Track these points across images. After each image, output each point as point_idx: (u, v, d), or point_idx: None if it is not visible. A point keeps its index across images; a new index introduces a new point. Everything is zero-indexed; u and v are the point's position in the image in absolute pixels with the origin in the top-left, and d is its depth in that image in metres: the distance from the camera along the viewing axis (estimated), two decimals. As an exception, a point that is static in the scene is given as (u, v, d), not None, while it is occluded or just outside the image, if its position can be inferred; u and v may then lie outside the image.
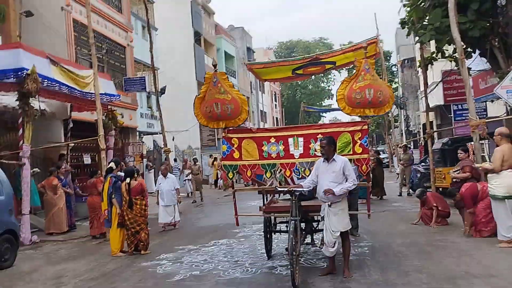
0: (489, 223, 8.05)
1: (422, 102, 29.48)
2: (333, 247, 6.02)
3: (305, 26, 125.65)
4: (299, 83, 61.11)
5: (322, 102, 68.37)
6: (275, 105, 60.37)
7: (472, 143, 10.67)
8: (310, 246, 7.72)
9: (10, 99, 12.60)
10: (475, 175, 9.17)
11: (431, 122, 27.79)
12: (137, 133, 21.56)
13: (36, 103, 11.55)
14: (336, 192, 5.78)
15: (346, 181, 5.95)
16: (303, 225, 6.89)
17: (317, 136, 6.55)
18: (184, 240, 9.86)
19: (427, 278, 5.81)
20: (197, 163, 21.32)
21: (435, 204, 9.66)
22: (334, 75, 64.99)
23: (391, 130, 37.19)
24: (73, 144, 15.20)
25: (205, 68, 33.92)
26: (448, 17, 10.10)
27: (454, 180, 9.70)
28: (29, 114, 11.19)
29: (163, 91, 23.67)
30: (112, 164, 9.48)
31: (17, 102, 11.35)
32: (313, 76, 32.20)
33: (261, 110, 50.40)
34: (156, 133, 23.92)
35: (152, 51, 16.46)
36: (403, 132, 40.88)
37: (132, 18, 21.98)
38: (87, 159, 17.37)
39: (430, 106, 24.49)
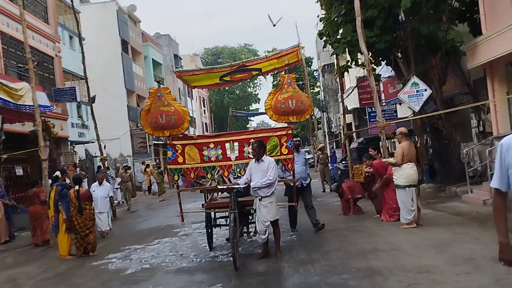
0: (396, 210, 9.57)
1: (340, 105, 31.78)
2: (264, 234, 7.12)
3: (228, 32, 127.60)
4: (227, 88, 62.27)
5: (250, 106, 70.18)
6: (204, 110, 61.10)
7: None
8: (246, 236, 8.79)
9: None
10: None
11: (350, 124, 30.18)
12: (69, 142, 21.57)
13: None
14: (252, 185, 6.88)
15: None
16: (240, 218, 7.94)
17: (250, 141, 7.65)
18: (128, 241, 10.52)
19: (344, 255, 7.07)
20: (128, 171, 21.71)
21: (350, 196, 11.12)
22: (260, 80, 67.06)
23: (315, 132, 39.33)
24: (5, 156, 15.21)
25: (134, 76, 34.13)
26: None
27: (366, 174, 11.24)
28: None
29: (93, 100, 23.71)
30: (58, 173, 9.99)
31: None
32: (240, 82, 33.55)
33: (190, 116, 50.93)
34: (88, 142, 23.96)
35: (84, 63, 16.78)
36: (326, 133, 43.29)
37: (59, 29, 21.95)
38: (19, 171, 17.36)
39: (349, 108, 26.65)
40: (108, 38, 30.16)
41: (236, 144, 7.69)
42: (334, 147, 34.89)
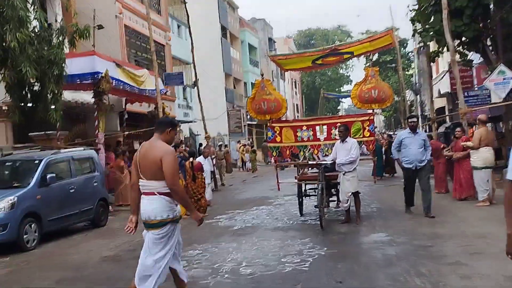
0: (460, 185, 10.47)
1: (434, 89, 31.49)
2: (346, 203, 8.53)
3: (321, 13, 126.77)
4: (319, 70, 62.99)
5: (341, 87, 70.16)
6: (295, 92, 62.48)
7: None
8: (331, 206, 10.20)
9: (79, 96, 15.43)
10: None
11: (443, 108, 29.91)
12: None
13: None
14: (337, 161, 8.23)
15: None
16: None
17: (337, 124, 9.02)
18: (231, 207, 12.43)
19: (415, 224, 8.25)
20: (222, 149, 23.89)
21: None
22: (353, 62, 66.52)
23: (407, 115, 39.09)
24: (127, 133, 17.94)
25: (231, 60, 36.42)
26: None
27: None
28: (102, 109, 13.91)
29: (195, 84, 26.28)
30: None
31: (90, 99, 14.14)
32: (332, 65, 34.36)
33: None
34: (191, 121, 26.58)
35: (193, 51, 18.93)
36: (419, 116, 42.70)
37: (169, 19, 24.53)
38: (136, 146, 20.20)
39: (441, 92, 26.56)
40: (210, 25, 32.51)
41: (325, 127, 9.12)
42: (427, 130, 34.66)
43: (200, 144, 24.57)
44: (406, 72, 48.43)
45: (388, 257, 6.16)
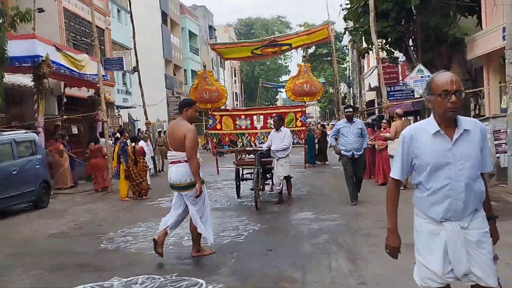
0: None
1: (366, 83, 33.43)
2: (279, 186, 9.43)
3: (262, 2, 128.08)
4: (258, 60, 63.99)
5: (280, 78, 71.69)
6: (235, 80, 63.16)
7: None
8: (265, 189, 11.11)
9: (16, 78, 15.26)
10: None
11: (373, 100, 31.86)
12: (115, 107, 24.20)
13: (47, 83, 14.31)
14: (272, 148, 9.11)
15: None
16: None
17: (272, 115, 9.87)
18: (170, 191, 12.96)
19: (338, 204, 9.30)
20: (162, 135, 24.23)
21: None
22: (291, 53, 68.15)
23: (342, 106, 41.03)
24: (65, 117, 17.90)
25: (171, 47, 36.44)
26: (376, 22, 13.51)
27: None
28: (42, 92, 13.95)
29: (135, 69, 26.26)
30: (118, 134, 12.50)
31: (29, 82, 14.12)
32: (271, 56, 35.45)
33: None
34: (130, 107, 26.60)
35: (134, 38, 19.08)
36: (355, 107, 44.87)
37: (108, 3, 24.32)
38: (74, 130, 20.12)
39: (371, 86, 28.25)
40: (150, 10, 32.35)
41: (261, 116, 9.95)
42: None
43: (139, 130, 24.70)
44: (341, 65, 50.59)
45: (312, 231, 7.11)
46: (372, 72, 23.68)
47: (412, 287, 2.97)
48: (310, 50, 52.03)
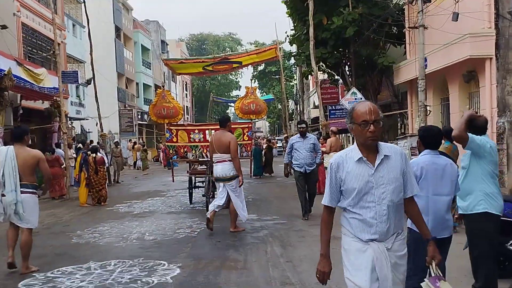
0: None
1: (311, 100, 35.57)
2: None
3: (212, 16, 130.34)
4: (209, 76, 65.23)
5: (231, 92, 73.21)
6: (186, 94, 64.08)
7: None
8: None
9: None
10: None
11: (317, 117, 33.92)
12: (68, 118, 24.74)
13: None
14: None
15: None
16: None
17: (222, 130, 11.21)
18: (127, 198, 14.00)
19: (281, 209, 10.76)
20: (118, 146, 25.00)
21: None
22: (242, 71, 70.01)
23: (289, 122, 43.00)
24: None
25: (124, 61, 37.15)
26: (317, 49, 15.23)
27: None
28: (3, 104, 14.66)
29: (89, 82, 26.89)
30: (80, 145, 13.44)
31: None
32: (222, 73, 36.93)
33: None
34: (83, 119, 27.16)
35: (91, 52, 19.95)
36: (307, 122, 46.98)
37: (64, 18, 25.00)
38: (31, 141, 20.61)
39: (316, 104, 30.14)
40: (104, 25, 33.05)
41: (213, 131, 11.26)
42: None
43: (91, 141, 25.29)
44: (290, 83, 52.87)
45: (255, 227, 8.52)
46: (315, 92, 25.61)
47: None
48: (260, 68, 54.10)
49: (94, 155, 12.73)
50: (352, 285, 2.83)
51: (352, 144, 3.00)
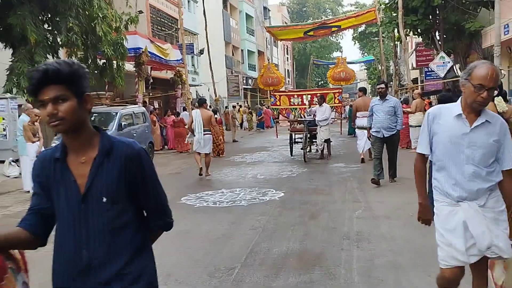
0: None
1: (409, 62, 35.88)
2: (321, 146, 13.15)
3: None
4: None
5: (331, 54, 73.45)
6: (287, 58, 66.23)
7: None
8: (311, 150, 14.87)
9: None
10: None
11: (417, 78, 34.41)
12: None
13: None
14: (316, 119, 12.75)
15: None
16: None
17: (317, 94, 13.52)
18: (239, 153, 16.97)
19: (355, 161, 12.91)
20: (229, 109, 28.35)
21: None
22: (343, 33, 69.99)
23: (389, 84, 43.47)
24: (151, 95, 22.28)
25: (230, 30, 40.30)
26: (407, 16, 16.65)
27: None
28: (142, 76, 18.27)
29: (201, 52, 30.37)
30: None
31: (130, 68, 18.39)
32: (321, 37, 38.48)
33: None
34: (198, 85, 30.88)
35: (206, 26, 22.95)
36: (397, 85, 47.17)
37: (181, -4, 28.38)
38: (155, 105, 24.60)
39: (415, 66, 30.90)
40: (213, -2, 36.22)
41: (309, 96, 13.64)
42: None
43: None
44: (391, 43, 52.39)
45: (341, 171, 10.89)
46: (411, 55, 26.52)
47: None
48: (360, 29, 54.17)
49: (215, 116, 15.75)
50: (446, 249, 2.85)
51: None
